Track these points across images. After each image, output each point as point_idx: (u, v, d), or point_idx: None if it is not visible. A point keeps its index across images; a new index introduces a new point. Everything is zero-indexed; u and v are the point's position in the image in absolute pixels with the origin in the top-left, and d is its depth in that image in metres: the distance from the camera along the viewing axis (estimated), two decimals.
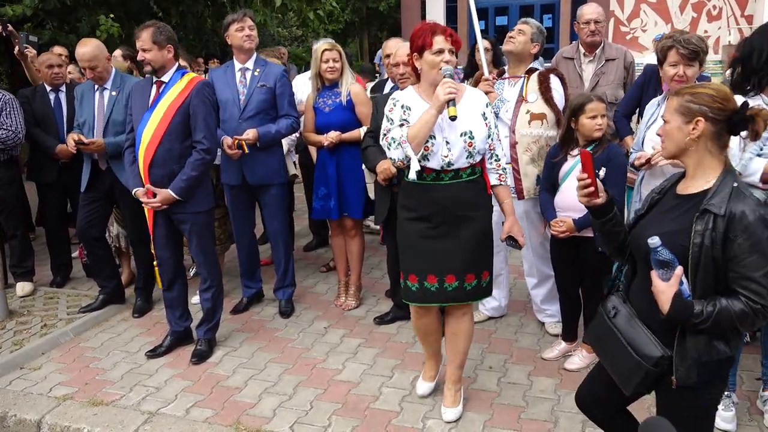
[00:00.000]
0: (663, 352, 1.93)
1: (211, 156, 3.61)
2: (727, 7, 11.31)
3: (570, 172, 3.32)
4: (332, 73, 4.15)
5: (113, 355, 3.83)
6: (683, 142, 1.96)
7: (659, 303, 1.91)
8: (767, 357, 2.98)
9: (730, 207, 1.84)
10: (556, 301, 3.87)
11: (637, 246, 2.08)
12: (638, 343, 1.99)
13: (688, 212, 1.94)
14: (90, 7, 7.50)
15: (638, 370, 1.97)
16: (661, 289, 1.89)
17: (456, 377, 3.10)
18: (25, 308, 4.52)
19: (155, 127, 3.48)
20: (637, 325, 2.02)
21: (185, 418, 3.15)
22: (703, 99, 1.93)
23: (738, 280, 1.84)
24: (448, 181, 2.80)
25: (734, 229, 1.82)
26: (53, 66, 4.76)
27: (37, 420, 3.19)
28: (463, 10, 12.81)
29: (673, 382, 1.95)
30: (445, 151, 2.75)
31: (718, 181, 1.93)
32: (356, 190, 4.25)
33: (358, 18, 19.40)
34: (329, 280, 5.02)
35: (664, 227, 1.98)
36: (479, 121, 2.81)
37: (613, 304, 2.14)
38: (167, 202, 3.52)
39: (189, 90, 3.52)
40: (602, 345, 2.15)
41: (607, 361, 2.14)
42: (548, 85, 3.62)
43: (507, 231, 2.95)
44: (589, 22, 4.47)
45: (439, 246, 2.86)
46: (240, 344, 3.93)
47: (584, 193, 2.13)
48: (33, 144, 4.81)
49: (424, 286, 2.89)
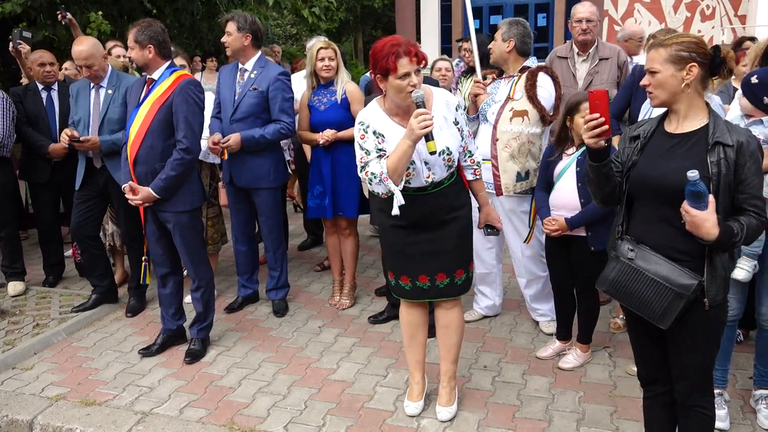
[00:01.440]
0: (697, 278, 2.08)
1: (191, 156, 3.54)
2: (720, 7, 11.36)
3: (565, 171, 3.33)
4: (328, 71, 4.14)
5: (106, 355, 3.81)
6: (678, 88, 2.11)
7: (703, 230, 2.00)
8: (759, 357, 2.99)
9: (734, 137, 2.05)
10: (547, 300, 3.88)
11: (642, 184, 2.19)
12: (670, 276, 2.10)
13: (695, 146, 2.11)
14: (81, 4, 7.45)
15: (678, 301, 2.09)
16: (704, 217, 1.99)
17: (451, 373, 3.09)
18: (17, 308, 4.50)
19: (140, 124, 3.48)
20: (661, 260, 2.13)
21: (179, 418, 3.13)
22: (691, 46, 2.10)
23: (748, 200, 2.07)
24: (432, 190, 2.83)
25: (743, 156, 2.04)
26: (45, 64, 4.73)
27: (29, 420, 3.17)
28: (458, 9, 12.81)
29: (706, 305, 2.11)
30: (426, 173, 2.76)
31: (711, 118, 2.13)
32: (351, 189, 4.24)
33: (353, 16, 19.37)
34: (323, 279, 5.02)
35: (677, 163, 2.10)
36: (453, 133, 2.80)
37: (627, 247, 2.21)
38: (148, 200, 3.50)
39: (173, 88, 3.50)
40: (628, 290, 2.20)
41: (636, 303, 2.20)
42: (534, 82, 3.62)
43: (483, 219, 3.02)
44: (581, 20, 4.48)
45: (427, 248, 2.89)
46: (234, 344, 3.92)
47: (596, 132, 2.14)
48: (25, 143, 4.78)
49: (416, 285, 2.96)
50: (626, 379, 3.33)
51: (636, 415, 2.98)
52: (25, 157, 4.86)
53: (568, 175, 3.33)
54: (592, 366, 3.48)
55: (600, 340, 3.71)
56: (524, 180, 3.65)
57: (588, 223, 3.27)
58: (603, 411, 3.06)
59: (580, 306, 3.50)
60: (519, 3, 13.18)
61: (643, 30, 4.90)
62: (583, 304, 3.48)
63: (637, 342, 2.41)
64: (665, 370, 2.33)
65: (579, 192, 3.28)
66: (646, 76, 2.18)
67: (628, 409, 3.07)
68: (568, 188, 3.33)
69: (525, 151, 3.61)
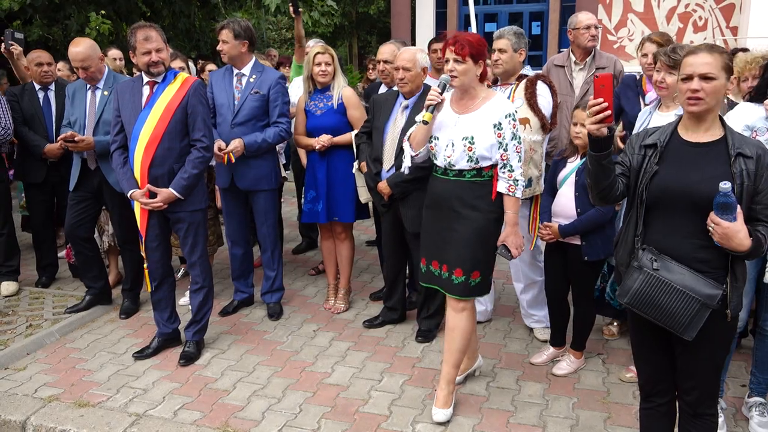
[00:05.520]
0: (721, 289, 2.10)
1: (210, 154, 3.66)
2: (712, 18, 11.47)
3: (566, 179, 3.37)
4: (324, 76, 4.15)
5: (100, 356, 3.80)
6: (722, 97, 2.14)
7: (735, 241, 2.01)
8: (758, 364, 3.02)
9: (752, 149, 2.10)
10: (542, 306, 3.91)
11: (665, 194, 2.16)
12: (695, 286, 2.10)
13: (718, 157, 2.12)
14: (79, 4, 7.44)
15: (703, 311, 2.10)
16: (736, 228, 2.00)
17: (450, 377, 3.11)
18: (9, 308, 4.47)
19: (154, 126, 3.47)
20: (685, 271, 2.13)
21: (173, 420, 3.13)
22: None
23: (764, 210, 2.10)
24: (452, 177, 3.01)
25: (762, 167, 2.08)
26: (42, 64, 4.72)
27: (22, 421, 3.16)
28: (453, 16, 12.87)
29: (729, 315, 2.13)
30: (449, 152, 2.97)
31: (728, 129, 2.16)
32: (346, 194, 4.24)
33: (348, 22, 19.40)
34: (318, 283, 5.02)
35: (706, 173, 2.10)
36: (487, 130, 2.92)
37: (649, 257, 2.18)
38: (169, 201, 3.51)
39: (186, 89, 3.53)
40: (652, 302, 2.17)
41: (660, 315, 2.17)
42: (534, 90, 3.66)
43: (502, 239, 3.02)
44: (590, 27, 4.53)
45: (438, 235, 3.07)
46: (228, 346, 3.91)
47: (599, 117, 2.10)
48: (21, 143, 4.76)
49: (429, 269, 3.12)
50: (620, 386, 3.35)
51: (629, 421, 3.00)
52: (20, 157, 4.85)
53: (568, 183, 3.37)
54: (586, 372, 3.51)
55: (593, 346, 3.73)
56: (527, 187, 3.68)
57: (581, 232, 3.30)
58: (596, 417, 3.08)
59: (575, 313, 3.53)
60: (514, 11, 13.27)
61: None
62: (577, 312, 3.51)
63: (642, 353, 2.40)
64: (668, 381, 2.34)
65: (576, 201, 3.31)
66: (695, 80, 2.08)
67: (621, 416, 3.09)
68: (566, 196, 3.36)
69: (527, 158, 3.63)
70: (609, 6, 11.79)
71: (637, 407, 2.54)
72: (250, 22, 4.25)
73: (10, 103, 4.61)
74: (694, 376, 2.25)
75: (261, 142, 4.00)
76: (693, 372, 2.25)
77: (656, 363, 2.35)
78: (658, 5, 11.70)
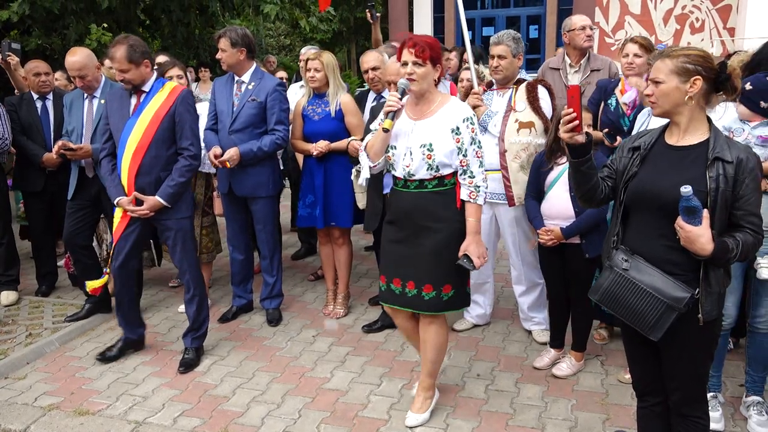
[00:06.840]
0: (690, 292, 2.09)
1: (197, 162, 3.66)
2: (709, 20, 11.50)
3: (556, 180, 3.37)
4: (312, 81, 4.17)
5: (99, 365, 3.80)
6: (681, 100, 2.11)
7: (698, 245, 2.03)
8: (751, 362, 3.03)
9: (734, 153, 2.06)
10: (543, 308, 3.91)
11: (640, 196, 2.19)
12: (663, 288, 2.11)
13: (695, 161, 2.11)
14: (78, 14, 7.49)
15: (669, 313, 2.10)
16: (699, 232, 2.02)
17: (426, 384, 3.12)
18: (9, 317, 4.48)
19: (141, 134, 3.49)
20: (655, 272, 2.14)
21: (173, 428, 3.13)
22: (698, 60, 2.10)
23: (745, 217, 2.08)
24: (414, 189, 2.88)
25: (743, 172, 2.05)
26: (40, 74, 4.74)
27: (23, 430, 3.16)
28: (450, 21, 12.93)
29: (701, 320, 2.12)
30: (407, 161, 2.85)
31: (712, 133, 2.14)
32: (344, 199, 4.25)
33: (346, 28, 19.45)
34: (317, 288, 5.03)
35: (675, 177, 2.10)
36: (445, 136, 2.80)
37: (621, 257, 2.21)
38: (155, 208, 3.52)
39: (173, 98, 3.55)
40: (620, 301, 2.21)
41: (628, 314, 2.20)
42: (536, 94, 3.67)
43: (464, 249, 2.84)
44: (584, 27, 4.55)
45: (402, 251, 2.94)
46: (228, 353, 3.92)
47: (569, 127, 2.17)
48: (19, 152, 4.78)
49: (390, 288, 2.99)
50: (618, 387, 3.35)
51: (628, 422, 3.00)
52: (19, 166, 4.86)
53: (559, 185, 3.37)
54: (585, 374, 3.51)
55: (592, 348, 3.73)
56: None
57: (584, 231, 3.31)
58: (595, 419, 3.09)
59: (574, 313, 3.53)
60: (511, 15, 13.32)
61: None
62: (577, 312, 3.51)
63: (632, 353, 2.42)
64: (660, 380, 2.35)
65: (572, 201, 3.32)
66: (650, 86, 2.18)
67: (620, 417, 3.09)
68: (560, 198, 3.37)
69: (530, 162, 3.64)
70: (606, 8, 11.84)
71: (635, 408, 2.54)
72: (248, 30, 4.26)
73: (9, 113, 4.63)
74: (673, 377, 2.27)
75: (257, 150, 4.01)
76: (671, 374, 2.27)
77: (645, 363, 2.37)
78: (655, 7, 11.74)
